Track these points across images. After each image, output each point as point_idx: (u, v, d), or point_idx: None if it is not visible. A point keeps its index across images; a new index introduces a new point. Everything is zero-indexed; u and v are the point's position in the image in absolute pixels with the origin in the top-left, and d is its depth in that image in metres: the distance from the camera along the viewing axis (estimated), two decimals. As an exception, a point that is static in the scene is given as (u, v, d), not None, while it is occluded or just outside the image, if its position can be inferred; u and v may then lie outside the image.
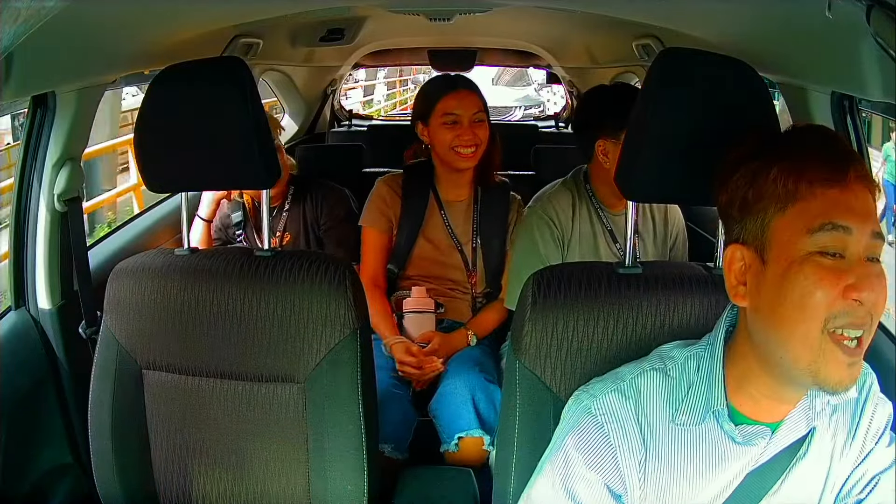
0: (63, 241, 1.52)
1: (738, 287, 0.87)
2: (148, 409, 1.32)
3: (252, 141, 1.23)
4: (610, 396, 0.93)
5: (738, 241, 0.86)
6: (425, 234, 1.97)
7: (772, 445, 0.91)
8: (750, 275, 0.85)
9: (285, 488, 1.29)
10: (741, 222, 0.86)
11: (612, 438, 0.91)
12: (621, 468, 0.91)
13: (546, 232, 1.78)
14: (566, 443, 0.93)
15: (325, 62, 3.31)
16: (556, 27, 2.76)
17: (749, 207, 0.84)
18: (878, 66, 0.99)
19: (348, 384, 1.25)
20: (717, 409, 0.90)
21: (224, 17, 1.70)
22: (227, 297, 1.26)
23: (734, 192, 0.86)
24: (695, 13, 1.45)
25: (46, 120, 1.44)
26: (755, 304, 0.85)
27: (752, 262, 0.85)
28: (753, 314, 0.86)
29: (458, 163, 1.91)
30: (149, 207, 2.29)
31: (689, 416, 0.91)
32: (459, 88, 1.92)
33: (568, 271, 1.15)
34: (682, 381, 0.93)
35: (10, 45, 0.78)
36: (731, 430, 0.91)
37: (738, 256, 0.86)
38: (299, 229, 2.12)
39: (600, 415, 0.92)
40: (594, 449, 0.92)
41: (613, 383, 0.95)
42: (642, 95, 1.13)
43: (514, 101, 9.56)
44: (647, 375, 0.94)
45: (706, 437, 0.92)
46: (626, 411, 0.92)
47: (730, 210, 0.87)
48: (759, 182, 0.83)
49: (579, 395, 0.98)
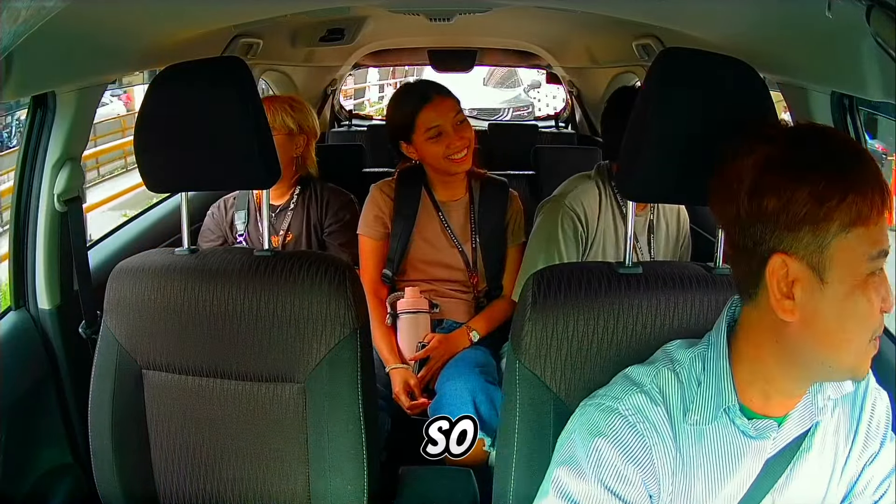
0: (63, 241, 1.52)
1: (783, 301, 0.84)
2: (148, 409, 1.32)
3: (252, 141, 1.23)
4: (636, 398, 0.92)
5: (783, 250, 0.83)
6: (421, 236, 1.96)
7: (779, 439, 0.93)
8: (799, 289, 0.83)
9: (285, 488, 1.29)
10: (792, 233, 0.82)
11: (646, 438, 0.90)
12: (657, 468, 0.90)
13: (570, 227, 1.76)
14: (595, 445, 0.90)
15: (325, 62, 3.31)
16: (556, 27, 2.76)
17: (808, 222, 0.81)
18: (878, 66, 0.99)
19: (348, 384, 1.25)
20: (728, 405, 0.90)
21: (224, 17, 1.70)
22: (227, 297, 1.26)
23: (791, 203, 0.81)
24: (695, 13, 1.45)
25: (46, 120, 1.44)
26: (807, 319, 0.84)
27: (802, 277, 0.83)
28: (802, 328, 0.84)
29: (454, 169, 1.89)
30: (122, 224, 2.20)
31: (701, 415, 0.91)
32: (432, 98, 1.87)
33: (568, 271, 1.15)
34: (692, 380, 0.93)
35: (10, 45, 0.78)
36: (745, 425, 0.91)
37: (780, 265, 0.83)
38: (302, 230, 2.12)
39: (630, 415, 0.91)
40: (631, 447, 0.90)
41: (634, 386, 0.93)
42: (642, 95, 1.13)
43: (501, 102, 9.40)
44: (664, 376, 0.93)
45: (719, 435, 0.92)
46: (657, 414, 0.91)
47: (772, 217, 0.82)
48: (830, 202, 0.80)
49: (595, 402, 0.95)
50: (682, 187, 1.11)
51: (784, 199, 0.81)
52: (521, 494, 1.14)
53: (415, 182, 1.98)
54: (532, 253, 1.81)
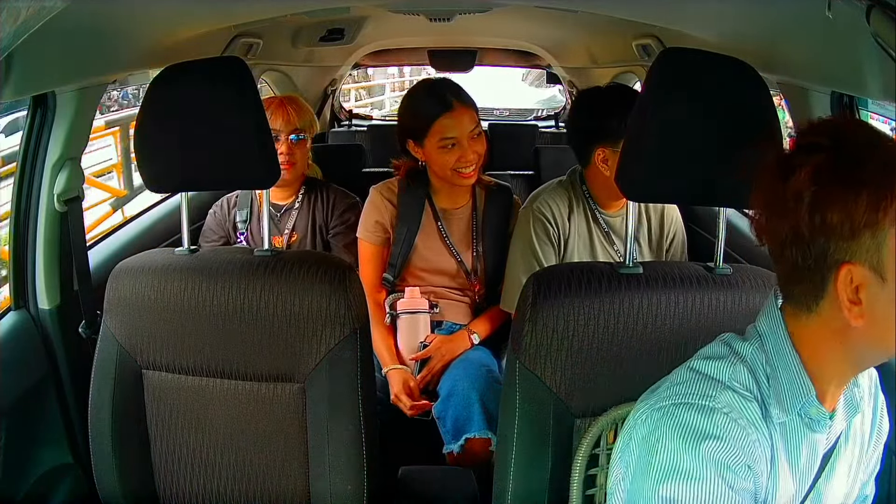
0: (63, 241, 1.51)
1: (853, 308, 0.81)
2: (148, 409, 1.32)
3: (252, 141, 1.23)
4: (728, 395, 0.86)
5: (849, 260, 0.80)
6: (421, 244, 1.94)
7: (831, 433, 0.92)
8: (865, 293, 0.81)
9: (285, 488, 1.29)
10: (856, 241, 0.80)
11: (749, 433, 0.85)
12: (760, 464, 0.86)
13: (542, 230, 1.77)
14: (706, 449, 0.83)
15: (325, 62, 3.31)
16: (556, 27, 2.76)
17: (868, 227, 0.79)
18: (878, 66, 0.99)
19: (348, 384, 1.25)
20: (807, 398, 0.87)
21: (224, 17, 1.70)
22: (227, 296, 1.26)
23: (854, 212, 0.79)
24: (695, 13, 1.45)
25: (46, 120, 1.44)
26: (873, 319, 0.81)
27: (866, 281, 0.80)
28: (868, 328, 0.82)
29: (459, 181, 1.86)
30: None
31: (781, 409, 0.88)
32: (454, 107, 1.80)
33: (568, 271, 1.15)
34: (761, 375, 0.89)
35: (10, 45, 0.78)
36: (821, 414, 0.88)
37: (845, 274, 0.81)
38: (307, 230, 2.12)
39: (730, 412, 0.85)
40: (742, 444, 0.84)
41: (716, 382, 0.88)
42: (642, 96, 1.13)
43: (536, 102, 9.14)
44: (740, 370, 0.89)
45: (792, 429, 0.89)
46: (751, 410, 0.87)
47: (836, 228, 0.80)
48: (884, 201, 0.78)
49: (676, 402, 0.87)
50: (683, 187, 1.11)
51: (847, 209, 0.79)
52: (521, 494, 1.14)
53: (418, 188, 1.95)
54: (513, 259, 1.81)
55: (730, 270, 1.17)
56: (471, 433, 1.65)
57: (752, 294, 1.14)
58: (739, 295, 1.14)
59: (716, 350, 0.93)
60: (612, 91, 1.78)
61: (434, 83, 1.94)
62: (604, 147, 1.67)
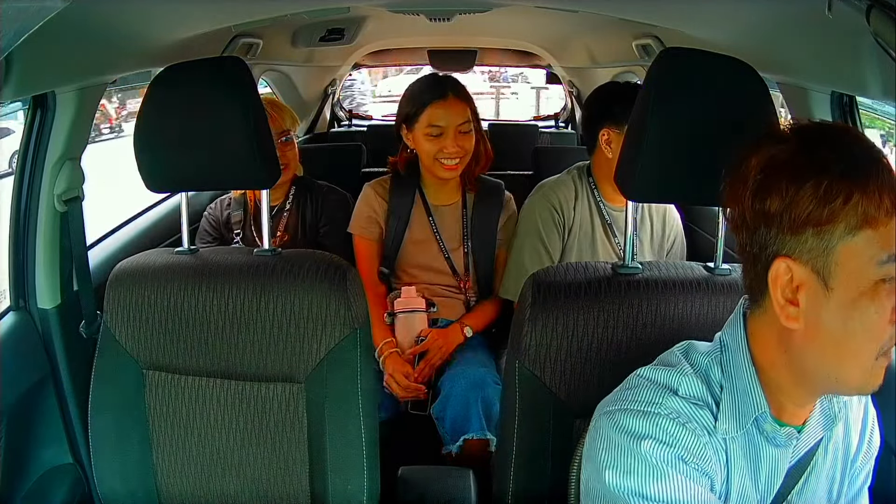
0: (63, 241, 1.51)
1: (788, 307, 0.80)
2: (148, 408, 1.32)
3: (252, 141, 1.23)
4: (675, 401, 0.85)
5: (786, 254, 0.79)
6: (412, 238, 1.95)
7: (799, 447, 0.90)
8: (804, 295, 0.79)
9: (285, 488, 1.29)
10: (795, 236, 0.78)
11: (699, 436, 0.84)
12: (713, 466, 0.85)
13: (548, 217, 1.81)
14: (647, 448, 0.82)
15: (325, 62, 3.31)
16: (556, 27, 2.76)
17: (811, 224, 0.77)
18: (878, 66, 0.99)
19: (348, 384, 1.25)
20: (760, 412, 0.86)
21: (224, 17, 1.70)
22: (227, 297, 1.26)
23: (794, 204, 0.78)
24: (695, 13, 1.45)
25: (46, 120, 1.44)
26: (812, 328, 0.80)
27: (806, 282, 0.79)
28: (807, 337, 0.81)
29: (439, 172, 1.89)
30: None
31: (732, 422, 0.86)
32: (448, 96, 1.85)
33: (568, 271, 1.15)
34: (713, 386, 0.88)
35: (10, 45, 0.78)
36: (776, 432, 0.87)
37: (784, 270, 0.79)
38: (297, 230, 2.12)
39: (676, 417, 0.84)
40: (687, 444, 0.83)
41: (663, 388, 0.87)
42: (642, 95, 1.13)
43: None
44: (689, 380, 0.87)
45: (746, 443, 0.88)
46: (701, 416, 0.85)
47: (776, 218, 0.79)
48: (834, 203, 0.76)
49: (620, 408, 0.87)
50: (682, 187, 1.11)
51: (787, 199, 0.78)
52: (521, 494, 1.14)
53: (410, 183, 1.98)
54: (518, 245, 1.84)
55: (730, 270, 1.17)
56: (469, 434, 1.66)
57: None
58: (739, 295, 1.14)
59: (669, 358, 0.92)
60: (621, 83, 1.87)
61: (437, 76, 2.00)
62: (608, 129, 1.74)
